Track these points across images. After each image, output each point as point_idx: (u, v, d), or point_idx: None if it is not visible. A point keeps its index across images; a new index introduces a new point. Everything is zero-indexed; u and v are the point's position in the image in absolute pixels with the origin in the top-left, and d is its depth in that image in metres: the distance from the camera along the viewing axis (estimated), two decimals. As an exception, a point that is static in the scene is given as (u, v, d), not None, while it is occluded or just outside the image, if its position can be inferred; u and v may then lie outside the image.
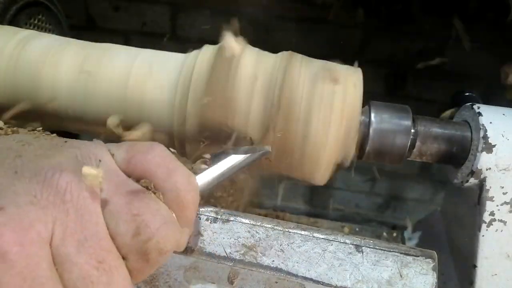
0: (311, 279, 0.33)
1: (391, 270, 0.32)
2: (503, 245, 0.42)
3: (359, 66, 0.44)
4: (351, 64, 0.44)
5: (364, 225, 0.90)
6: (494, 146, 0.40)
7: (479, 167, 0.41)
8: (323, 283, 0.32)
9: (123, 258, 0.24)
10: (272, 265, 0.33)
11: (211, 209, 0.35)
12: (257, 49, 0.43)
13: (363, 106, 0.43)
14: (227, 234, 0.34)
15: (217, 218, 0.34)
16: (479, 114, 0.42)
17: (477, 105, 0.43)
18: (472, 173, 0.41)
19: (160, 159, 0.27)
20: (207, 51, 0.42)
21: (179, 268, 0.34)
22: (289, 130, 0.39)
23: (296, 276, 0.33)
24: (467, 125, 0.43)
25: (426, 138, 0.42)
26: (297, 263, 0.33)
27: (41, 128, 0.33)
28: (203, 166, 0.32)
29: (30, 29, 0.56)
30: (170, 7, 1.00)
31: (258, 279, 0.34)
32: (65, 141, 0.27)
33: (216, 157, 0.33)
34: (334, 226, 0.86)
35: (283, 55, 0.42)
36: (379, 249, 0.33)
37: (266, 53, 0.44)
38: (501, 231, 0.42)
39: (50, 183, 0.23)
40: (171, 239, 0.25)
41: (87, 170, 0.23)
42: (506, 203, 0.41)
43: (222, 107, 0.40)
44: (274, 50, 0.44)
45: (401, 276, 0.32)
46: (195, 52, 0.43)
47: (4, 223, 0.21)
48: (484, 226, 0.42)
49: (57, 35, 0.48)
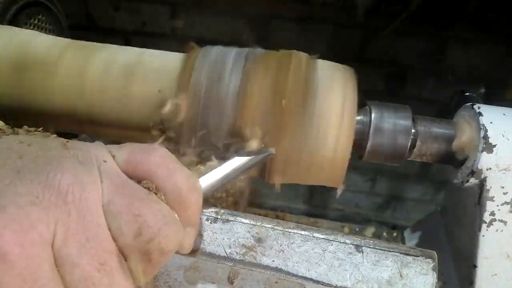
0: (311, 279, 0.33)
1: (391, 270, 0.32)
2: (503, 245, 0.42)
3: (359, 66, 0.44)
4: (351, 64, 0.44)
5: (364, 225, 0.90)
6: (494, 146, 0.40)
7: (479, 167, 0.41)
8: (323, 283, 0.32)
9: (125, 258, 0.24)
10: (272, 265, 0.33)
11: (211, 209, 0.35)
12: (257, 50, 0.43)
13: (363, 106, 0.43)
14: (227, 234, 0.34)
15: (217, 218, 0.34)
16: (479, 114, 0.42)
17: (477, 105, 0.43)
18: (472, 173, 0.41)
19: (160, 160, 0.27)
20: (207, 52, 0.42)
21: (179, 268, 0.34)
22: (289, 134, 0.40)
23: (296, 276, 0.33)
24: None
25: (426, 138, 0.42)
26: (297, 263, 0.33)
27: (41, 128, 0.33)
28: (207, 168, 0.32)
29: (30, 29, 0.56)
30: (170, 7, 1.00)
31: (258, 279, 0.34)
32: (66, 142, 0.27)
33: (220, 159, 0.33)
34: (334, 226, 0.86)
35: (283, 56, 0.42)
36: (379, 249, 0.33)
37: (265, 53, 0.43)
38: (502, 231, 0.42)
39: (51, 184, 0.23)
40: (173, 239, 0.25)
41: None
42: (506, 203, 0.41)
43: (224, 109, 0.40)
44: (274, 50, 0.44)
45: (401, 276, 0.32)
46: (196, 52, 0.43)
47: (4, 224, 0.21)
48: (484, 226, 0.42)
49: (57, 35, 0.48)
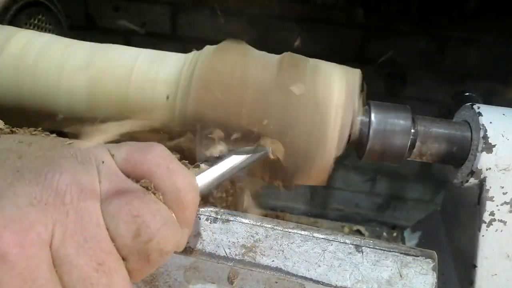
0: (311, 279, 0.33)
1: (391, 270, 0.32)
2: (503, 245, 0.42)
3: (359, 66, 0.44)
4: (351, 64, 0.44)
5: (364, 225, 0.90)
6: (494, 146, 0.40)
7: (479, 167, 0.41)
8: (323, 283, 0.32)
9: (124, 258, 0.24)
10: (272, 265, 0.33)
11: (211, 209, 0.35)
12: (257, 51, 0.43)
13: (363, 106, 0.43)
14: (227, 234, 0.34)
15: (217, 218, 0.34)
16: (479, 114, 0.42)
17: (477, 105, 0.43)
18: (472, 173, 0.41)
19: (160, 159, 0.27)
20: (208, 51, 0.42)
21: (179, 268, 0.34)
22: (289, 133, 0.39)
23: (296, 276, 0.33)
24: (467, 125, 0.43)
25: (426, 138, 0.42)
26: (297, 263, 0.33)
27: (40, 128, 0.33)
28: (204, 166, 0.32)
29: (30, 29, 0.56)
30: (170, 7, 1.00)
31: (258, 279, 0.34)
32: (65, 141, 0.27)
33: (216, 158, 0.33)
34: (334, 226, 0.86)
35: (283, 56, 0.42)
36: (379, 249, 0.33)
37: (266, 54, 0.44)
38: (501, 231, 0.42)
39: (50, 185, 0.23)
40: (172, 240, 0.25)
41: None
42: (506, 203, 0.41)
43: (222, 108, 0.40)
44: (274, 50, 0.44)
45: (401, 276, 0.32)
46: (195, 52, 0.43)
47: (4, 224, 0.21)
48: (484, 226, 0.42)
49: (57, 35, 0.48)
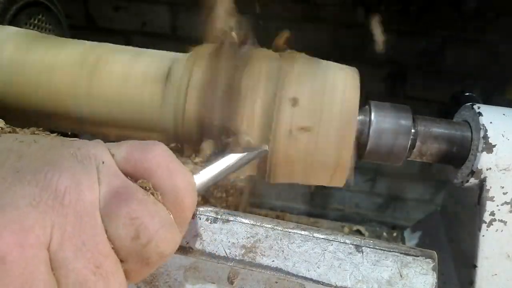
0: (311, 279, 0.33)
1: (391, 270, 0.32)
2: (503, 245, 0.42)
3: (359, 66, 0.44)
4: (351, 64, 0.44)
5: (364, 225, 0.90)
6: (494, 146, 0.40)
7: (479, 167, 0.41)
8: (323, 283, 0.32)
9: (122, 260, 0.24)
10: (272, 265, 0.33)
11: (211, 209, 0.35)
12: (256, 49, 0.43)
13: (363, 106, 0.43)
14: (227, 234, 0.34)
15: (217, 218, 0.34)
16: (479, 114, 0.42)
17: (477, 105, 0.43)
18: (472, 173, 0.41)
19: (160, 159, 0.27)
20: (207, 52, 0.42)
21: (179, 268, 0.34)
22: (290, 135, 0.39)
23: (296, 276, 0.33)
24: (467, 125, 0.43)
25: (426, 138, 0.42)
26: (297, 263, 0.33)
27: (41, 128, 0.33)
28: (201, 165, 0.32)
29: (30, 29, 0.56)
30: (170, 7, 1.00)
31: (258, 279, 0.34)
32: (65, 141, 0.27)
33: (213, 156, 0.33)
34: (334, 226, 0.86)
35: (283, 56, 0.42)
36: (379, 249, 0.33)
37: (267, 52, 0.43)
38: (501, 231, 0.42)
39: (49, 186, 0.23)
40: (171, 242, 0.25)
41: None
42: (506, 203, 0.41)
43: (221, 108, 0.40)
44: (274, 50, 0.44)
45: (401, 276, 0.32)
46: (194, 51, 0.43)
47: (4, 225, 0.21)
48: (484, 226, 0.42)
49: (57, 35, 0.48)
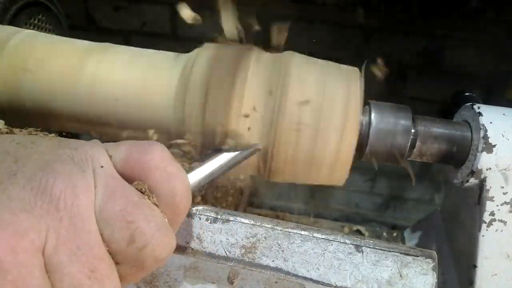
0: (311, 279, 0.33)
1: (391, 270, 0.32)
2: (503, 245, 0.42)
3: (359, 66, 0.44)
4: (351, 64, 0.44)
5: (364, 225, 0.90)
6: (494, 146, 0.40)
7: (479, 167, 0.41)
8: (323, 283, 0.32)
9: (117, 263, 0.24)
10: (272, 265, 0.33)
11: (211, 209, 0.35)
12: (257, 49, 0.43)
13: (363, 106, 0.43)
14: (227, 234, 0.34)
15: (217, 218, 0.34)
16: (479, 114, 0.42)
17: (477, 105, 0.43)
18: (472, 173, 0.41)
19: (158, 161, 0.26)
20: (207, 52, 0.42)
21: (179, 268, 0.34)
22: (288, 141, 0.39)
23: (296, 276, 0.33)
24: (467, 125, 0.43)
25: (426, 138, 0.42)
26: (297, 263, 0.33)
27: (39, 128, 0.33)
28: (194, 164, 0.31)
29: (30, 29, 0.56)
30: (170, 7, 1.00)
31: (258, 279, 0.34)
32: (62, 142, 0.26)
33: (207, 155, 0.33)
34: (334, 226, 0.86)
35: (284, 56, 0.42)
36: (379, 249, 0.33)
37: (266, 53, 0.43)
38: (501, 231, 0.42)
39: (44, 191, 0.23)
40: (167, 246, 0.25)
41: None
42: (506, 203, 0.41)
43: (221, 108, 0.40)
44: (274, 50, 0.44)
45: (401, 276, 0.32)
46: (194, 51, 0.43)
47: None
48: (484, 226, 0.42)
49: (57, 35, 0.48)
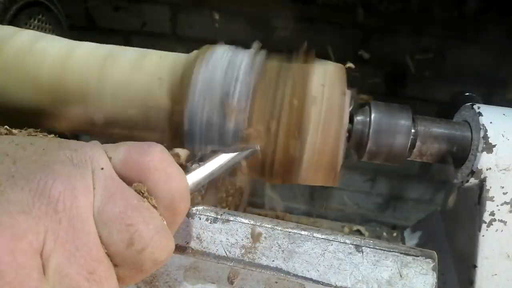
0: (311, 279, 0.33)
1: (391, 270, 0.32)
2: (503, 245, 0.42)
3: (359, 66, 0.43)
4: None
5: (364, 225, 0.90)
6: (494, 146, 0.40)
7: (479, 167, 0.41)
8: (323, 283, 0.32)
9: (116, 265, 0.24)
10: (272, 265, 0.33)
11: (211, 209, 0.35)
12: (253, 52, 0.43)
13: (363, 106, 0.43)
14: (227, 234, 0.34)
15: (217, 218, 0.34)
16: (479, 114, 0.42)
17: (477, 105, 0.43)
18: (472, 173, 0.41)
19: (158, 162, 0.26)
20: (207, 52, 0.42)
21: (179, 268, 0.34)
22: (287, 139, 0.39)
23: (296, 276, 0.33)
24: (467, 125, 0.43)
25: (426, 138, 0.42)
26: (297, 263, 0.33)
27: (39, 129, 0.33)
28: (193, 165, 0.31)
29: (30, 29, 0.56)
30: (170, 7, 1.00)
31: (258, 279, 0.34)
32: (62, 143, 0.26)
33: (205, 156, 0.33)
34: (334, 226, 0.86)
35: (282, 65, 0.42)
36: (379, 249, 0.33)
37: (263, 55, 0.43)
38: (501, 231, 0.42)
39: (42, 192, 0.22)
40: (165, 248, 0.25)
41: None
42: (506, 203, 0.41)
43: (221, 109, 0.40)
44: (274, 50, 0.44)
45: (401, 276, 0.32)
46: (195, 52, 0.43)
47: None
48: (484, 226, 0.42)
49: (57, 35, 0.48)
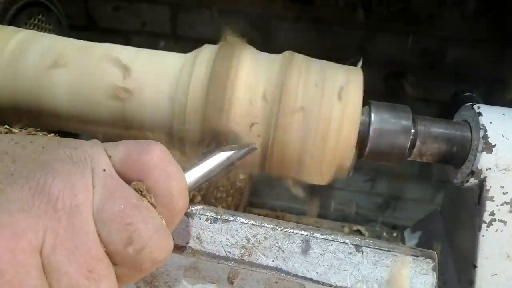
0: (311, 279, 0.33)
1: (391, 270, 0.32)
2: (503, 245, 0.42)
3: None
4: (351, 64, 0.44)
5: (364, 225, 0.90)
6: (494, 146, 0.40)
7: (479, 167, 0.41)
8: (323, 283, 0.32)
9: (115, 264, 0.24)
10: (272, 265, 0.33)
11: (211, 209, 0.35)
12: (257, 51, 0.43)
13: (363, 106, 0.43)
14: (227, 234, 0.34)
15: (217, 218, 0.34)
16: (479, 114, 0.42)
17: (477, 105, 0.43)
18: (472, 173, 0.41)
19: (158, 161, 0.26)
20: (207, 52, 0.42)
21: (179, 268, 0.34)
22: (287, 139, 0.39)
23: (296, 276, 0.33)
24: (467, 125, 0.43)
25: (426, 138, 0.42)
26: (297, 263, 0.33)
27: (39, 128, 0.33)
28: (191, 163, 0.31)
29: (30, 29, 0.56)
30: (170, 7, 1.00)
31: (258, 279, 0.34)
32: (62, 141, 0.26)
33: (203, 154, 0.33)
34: (334, 226, 0.86)
35: (284, 56, 0.42)
36: (379, 249, 0.33)
37: (266, 55, 0.43)
38: (501, 231, 0.42)
39: (42, 191, 0.23)
40: (164, 248, 0.25)
41: None
42: (506, 203, 0.41)
43: (221, 110, 0.39)
44: (274, 50, 0.44)
45: (401, 276, 0.32)
46: (195, 52, 0.43)
47: None
48: (484, 226, 0.42)
49: (57, 35, 0.48)
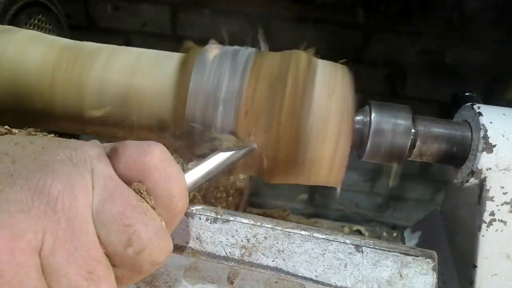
0: (311, 279, 0.33)
1: (391, 270, 0.32)
2: (503, 245, 0.42)
3: (359, 66, 0.43)
4: (351, 64, 0.44)
5: (364, 225, 0.90)
6: (494, 146, 0.40)
7: (479, 167, 0.41)
8: (323, 283, 0.32)
9: (114, 265, 0.24)
10: (272, 265, 0.33)
11: (211, 209, 0.35)
12: (255, 50, 0.43)
13: (363, 106, 0.43)
14: (227, 234, 0.34)
15: (217, 218, 0.34)
16: (479, 114, 0.42)
17: (477, 105, 0.43)
18: (472, 173, 0.41)
19: (158, 162, 0.26)
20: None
21: (179, 268, 0.34)
22: (288, 138, 0.39)
23: (296, 276, 0.33)
24: (467, 125, 0.43)
25: (426, 138, 0.42)
26: (297, 263, 0.33)
27: (39, 129, 0.33)
28: (190, 165, 0.31)
29: (30, 29, 0.56)
30: (170, 7, 1.01)
31: (258, 279, 0.34)
32: (61, 142, 0.26)
33: (203, 155, 0.33)
34: (334, 226, 0.86)
35: (292, 53, 0.42)
36: (379, 249, 0.33)
37: (268, 53, 0.43)
38: (501, 231, 0.42)
39: (41, 192, 0.22)
40: (164, 250, 0.25)
41: None
42: (506, 203, 0.41)
43: (222, 108, 0.39)
44: (274, 50, 0.44)
45: (401, 276, 0.32)
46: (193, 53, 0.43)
47: None
48: (484, 226, 0.42)
49: (57, 35, 0.48)
